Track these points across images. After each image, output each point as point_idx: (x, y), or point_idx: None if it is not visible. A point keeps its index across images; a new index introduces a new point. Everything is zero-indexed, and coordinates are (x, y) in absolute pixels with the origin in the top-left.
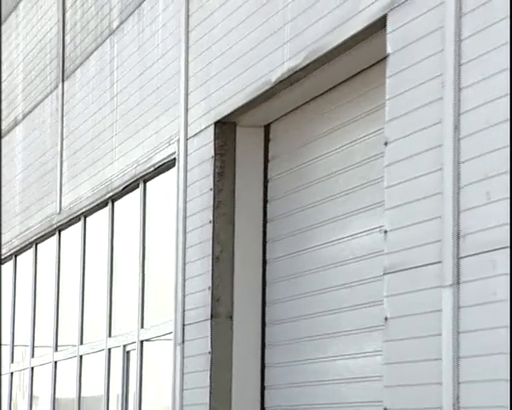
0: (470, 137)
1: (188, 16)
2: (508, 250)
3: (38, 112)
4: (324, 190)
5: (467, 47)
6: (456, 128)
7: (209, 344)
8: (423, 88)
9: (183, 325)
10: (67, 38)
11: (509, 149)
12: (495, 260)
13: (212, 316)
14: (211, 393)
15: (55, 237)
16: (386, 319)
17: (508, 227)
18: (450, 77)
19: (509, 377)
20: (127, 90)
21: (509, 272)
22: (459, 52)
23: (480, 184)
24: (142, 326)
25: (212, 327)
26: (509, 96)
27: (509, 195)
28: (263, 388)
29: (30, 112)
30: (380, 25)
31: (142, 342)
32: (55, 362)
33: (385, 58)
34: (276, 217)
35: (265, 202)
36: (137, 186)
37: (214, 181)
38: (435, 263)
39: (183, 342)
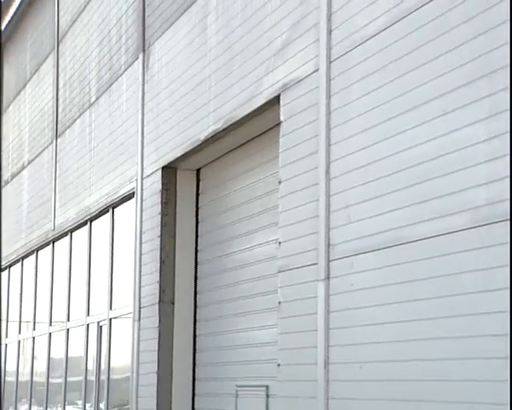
0: (337, 179)
1: (143, 94)
2: (362, 256)
3: (39, 160)
4: (238, 214)
5: (334, 117)
6: (327, 172)
7: (157, 321)
8: (305, 144)
9: (140, 308)
10: (60, 108)
11: (364, 186)
12: (352, 263)
13: (159, 301)
14: (158, 354)
15: (50, 246)
16: (279, 303)
17: (362, 239)
18: (323, 137)
19: (364, 342)
20: (101, 145)
21: (364, 269)
22: (329, 120)
23: (343, 211)
24: (110, 308)
25: (159, 309)
26: (364, 151)
27: (363, 217)
28: (195, 350)
29: (33, 160)
30: (275, 101)
31: (110, 319)
32: (50, 333)
33: (279, 124)
34: (205, 233)
35: (197, 222)
36: (108, 211)
37: (161, 208)
38: (313, 264)
39: (140, 319)
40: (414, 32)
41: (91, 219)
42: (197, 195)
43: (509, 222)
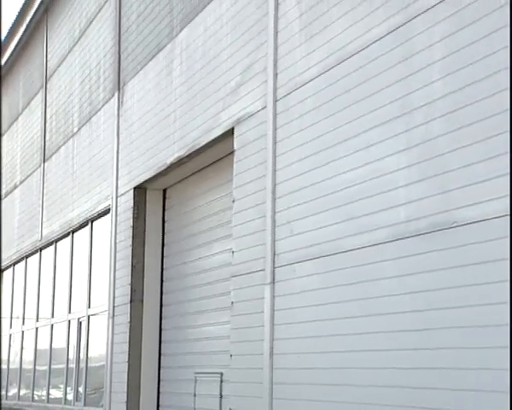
0: (281, 198)
1: (118, 126)
2: (302, 264)
3: (29, 181)
4: (198, 227)
5: (279, 147)
6: (273, 193)
7: (129, 317)
8: (255, 169)
9: (114, 306)
10: (47, 137)
11: (303, 205)
12: (294, 269)
13: (131, 301)
14: (129, 346)
15: (38, 254)
16: (232, 303)
17: (302, 249)
18: (270, 163)
19: (303, 336)
20: (82, 168)
21: (304, 275)
22: (275, 149)
23: (286, 225)
24: (89, 307)
25: (130, 307)
26: (303, 175)
27: (303, 231)
28: (160, 342)
29: (24, 180)
30: (230, 132)
31: (89, 316)
32: (37, 328)
33: (233, 151)
34: (170, 242)
35: (163, 233)
36: (87, 224)
37: (133, 221)
38: (261, 270)
39: (114, 316)
40: (343, 78)
41: (73, 231)
42: (163, 211)
43: (422, 236)
